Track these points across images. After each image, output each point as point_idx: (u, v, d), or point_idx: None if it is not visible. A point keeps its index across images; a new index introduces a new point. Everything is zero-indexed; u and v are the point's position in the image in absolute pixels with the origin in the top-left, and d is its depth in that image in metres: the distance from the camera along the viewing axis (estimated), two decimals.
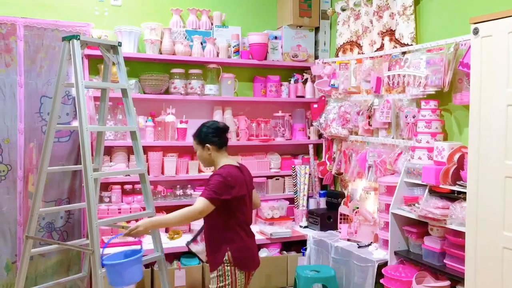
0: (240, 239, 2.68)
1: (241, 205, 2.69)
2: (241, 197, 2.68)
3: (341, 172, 4.03)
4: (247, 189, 2.74)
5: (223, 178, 2.60)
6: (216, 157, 2.75)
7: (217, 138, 2.74)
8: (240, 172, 2.71)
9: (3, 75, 3.57)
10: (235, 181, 2.63)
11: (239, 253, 2.66)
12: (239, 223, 2.68)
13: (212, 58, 4.06)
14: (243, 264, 2.67)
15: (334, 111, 4.03)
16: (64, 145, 3.75)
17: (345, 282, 3.40)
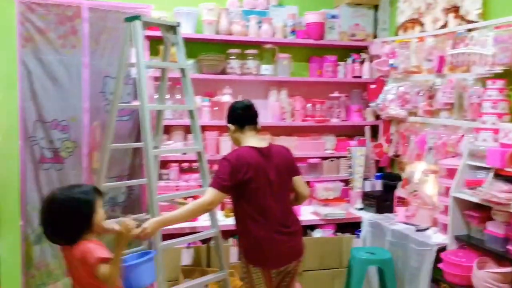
0: (249, 232, 2.47)
1: (252, 192, 2.43)
2: (249, 182, 2.41)
3: (399, 154, 3.94)
4: (265, 173, 2.46)
5: (227, 162, 2.42)
6: (240, 137, 2.59)
7: (236, 117, 2.59)
8: (257, 154, 2.47)
9: (69, 56, 3.72)
10: (242, 164, 2.41)
11: (250, 248, 2.50)
12: (250, 213, 2.45)
13: (268, 38, 4.05)
14: (255, 260, 2.48)
15: (392, 91, 3.93)
16: (125, 124, 3.89)
17: (401, 265, 3.35)
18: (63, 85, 3.71)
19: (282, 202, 2.53)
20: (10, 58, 3.62)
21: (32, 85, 3.66)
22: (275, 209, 2.49)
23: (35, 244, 3.77)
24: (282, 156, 2.57)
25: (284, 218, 2.51)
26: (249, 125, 2.58)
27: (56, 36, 3.68)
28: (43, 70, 3.68)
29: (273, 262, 2.49)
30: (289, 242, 2.50)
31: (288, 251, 2.51)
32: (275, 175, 2.49)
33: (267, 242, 2.45)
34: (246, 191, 2.44)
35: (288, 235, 2.50)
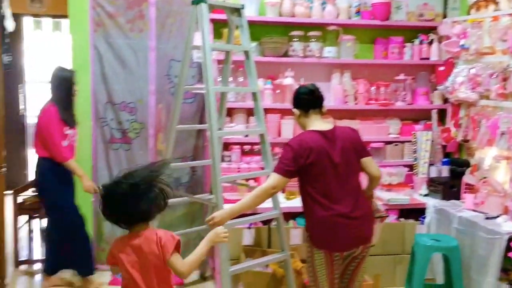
0: (313, 214, 2.47)
1: (316, 175, 2.43)
2: (312, 165, 2.41)
3: (468, 139, 3.78)
4: (328, 156, 2.43)
5: (290, 148, 2.45)
6: (305, 122, 2.58)
7: (301, 102, 2.58)
8: (320, 137, 2.46)
9: (137, 40, 3.85)
10: (304, 149, 2.42)
11: (312, 229, 2.51)
12: (314, 196, 2.45)
13: (332, 19, 3.98)
14: (317, 242, 2.48)
15: (463, 73, 3.76)
16: (189, 106, 3.98)
17: (468, 253, 3.23)
18: (131, 69, 3.86)
19: (349, 185, 2.49)
20: (83, 42, 3.80)
21: (103, 69, 3.83)
22: (340, 192, 2.46)
23: (105, 219, 3.96)
24: (348, 138, 2.53)
25: (350, 201, 2.46)
26: (313, 109, 2.57)
27: (125, 21, 3.82)
28: (113, 54, 3.84)
29: (335, 245, 2.47)
30: (354, 226, 2.46)
31: (352, 235, 2.47)
32: (340, 157, 2.46)
33: (331, 225, 2.44)
34: (309, 175, 2.45)
35: (353, 219, 2.45)
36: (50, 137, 3.34)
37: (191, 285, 3.73)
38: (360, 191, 2.57)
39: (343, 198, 2.46)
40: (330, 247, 2.47)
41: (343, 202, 2.45)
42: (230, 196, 3.66)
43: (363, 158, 2.57)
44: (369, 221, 2.57)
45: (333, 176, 2.45)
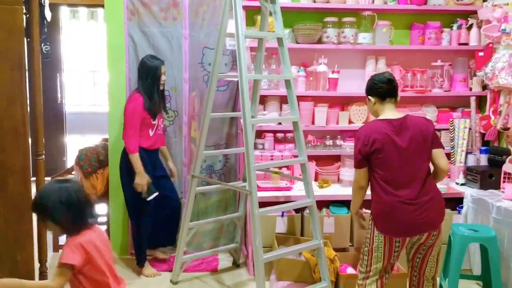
0: (379, 199, 2.57)
1: (381, 161, 2.54)
2: (377, 152, 2.52)
3: (508, 127, 3.66)
4: (394, 144, 2.52)
5: (357, 140, 2.61)
6: (379, 109, 2.67)
7: (377, 91, 2.65)
8: (387, 126, 2.54)
9: (171, 28, 3.88)
10: (368, 137, 2.54)
11: (375, 213, 2.60)
12: (378, 181, 2.56)
13: (367, 5, 3.91)
14: (380, 225, 2.57)
15: (503, 59, 3.63)
16: (222, 94, 3.99)
17: (507, 244, 3.15)
18: (165, 57, 3.88)
19: (417, 172, 2.54)
20: (118, 31, 3.85)
21: (137, 57, 3.87)
22: (406, 178, 2.53)
23: None
24: (419, 128, 2.58)
25: (417, 187, 2.52)
26: (390, 97, 2.65)
27: (158, 9, 3.85)
28: (147, 42, 3.88)
29: (397, 231, 2.54)
30: (419, 212, 2.51)
31: (415, 222, 2.51)
32: (408, 145, 2.53)
33: (393, 211, 2.52)
34: (375, 162, 2.57)
35: (416, 205, 2.51)
36: (125, 127, 3.46)
37: (225, 272, 3.78)
38: (429, 178, 2.60)
39: (409, 184, 2.53)
40: (391, 232, 2.55)
41: (409, 188, 2.52)
42: (263, 184, 3.68)
43: (434, 149, 2.60)
44: (437, 205, 2.58)
45: (399, 163, 2.53)
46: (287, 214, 3.60)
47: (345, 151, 3.90)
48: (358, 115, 4.01)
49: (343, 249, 3.64)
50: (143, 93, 3.48)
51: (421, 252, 2.65)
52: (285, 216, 3.58)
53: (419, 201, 2.52)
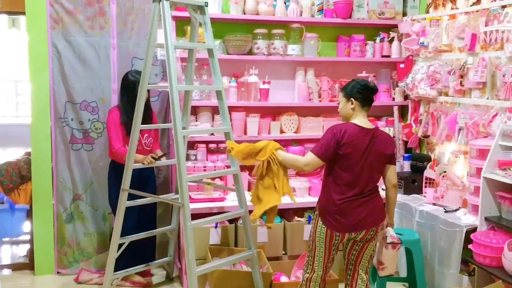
0: (329, 195, 2.70)
1: (346, 164, 2.64)
2: (346, 154, 2.62)
3: (428, 134, 3.89)
4: (362, 151, 2.64)
5: (332, 135, 2.64)
6: (355, 114, 2.72)
7: (363, 96, 2.71)
8: (361, 132, 2.65)
9: (98, 37, 3.77)
10: (342, 137, 2.62)
11: (323, 206, 2.73)
12: (337, 181, 2.68)
13: (295, 17, 4.01)
14: (325, 220, 2.70)
15: (422, 71, 3.85)
16: (153, 104, 3.91)
17: (430, 246, 3.33)
18: (92, 67, 3.77)
19: (370, 182, 2.70)
20: (41, 40, 3.68)
21: (62, 67, 3.73)
22: (361, 184, 2.67)
23: (67, 222, 3.88)
24: (384, 142, 2.72)
25: (365, 193, 2.68)
26: (368, 106, 2.75)
27: (84, 18, 3.73)
28: (73, 52, 3.75)
29: (339, 226, 2.68)
30: (359, 212, 2.67)
31: (356, 219, 2.66)
32: (373, 156, 2.67)
33: (341, 209, 2.66)
34: (340, 162, 2.66)
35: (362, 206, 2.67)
36: (108, 139, 3.49)
37: (158, 286, 3.69)
38: (377, 190, 2.77)
39: (361, 189, 2.68)
40: (336, 227, 2.69)
41: (358, 191, 2.67)
42: (196, 196, 3.64)
43: (389, 164, 2.77)
44: (375, 214, 2.73)
45: (360, 170, 2.65)
46: (221, 225, 3.58)
47: None
48: (289, 125, 4.09)
49: (276, 258, 3.68)
50: (120, 108, 3.46)
51: (356, 249, 2.78)
52: (218, 227, 3.56)
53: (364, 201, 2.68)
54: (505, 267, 2.74)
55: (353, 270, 2.83)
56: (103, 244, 3.93)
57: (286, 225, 3.71)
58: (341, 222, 2.67)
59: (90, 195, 3.90)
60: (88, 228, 3.93)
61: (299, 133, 4.11)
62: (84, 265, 3.91)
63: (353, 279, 2.83)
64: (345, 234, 2.71)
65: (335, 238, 2.71)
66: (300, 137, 4.09)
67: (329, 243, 2.72)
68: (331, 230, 2.69)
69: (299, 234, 3.70)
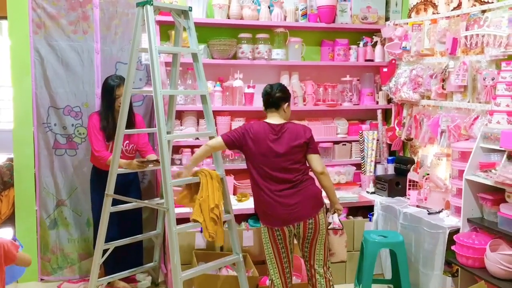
0: (254, 193, 2.94)
1: (252, 158, 2.87)
2: (249, 148, 2.86)
3: (411, 137, 3.93)
4: (268, 144, 2.82)
5: (243, 127, 2.93)
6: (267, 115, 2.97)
7: (263, 99, 2.99)
8: (268, 127, 2.86)
9: (81, 42, 3.75)
10: (248, 132, 2.88)
11: (255, 206, 2.96)
12: (253, 177, 2.89)
13: (279, 22, 4.03)
14: (260, 216, 2.93)
15: (405, 74, 3.90)
16: (137, 109, 3.90)
17: (414, 248, 3.36)
18: (75, 71, 3.75)
19: (288, 173, 2.83)
20: (24, 44, 3.65)
21: (45, 72, 3.70)
22: (277, 177, 2.83)
23: (50, 228, 3.83)
24: (296, 133, 2.87)
25: (285, 186, 2.82)
26: (270, 108, 2.97)
27: (67, 22, 3.71)
28: (56, 57, 3.71)
29: (272, 220, 2.86)
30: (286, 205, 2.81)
31: (285, 212, 2.82)
32: (284, 148, 2.83)
33: (265, 203, 2.86)
34: (247, 156, 2.91)
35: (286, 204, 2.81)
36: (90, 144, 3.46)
37: None
38: (303, 181, 2.87)
39: (278, 183, 2.83)
40: (270, 222, 2.87)
41: (276, 186, 2.83)
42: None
43: (308, 154, 2.91)
44: (307, 204, 2.84)
45: (271, 162, 2.83)
46: None
47: None
48: None
49: (262, 262, 3.67)
50: (100, 113, 3.44)
51: (306, 246, 2.90)
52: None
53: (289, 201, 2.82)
54: (488, 268, 2.79)
55: (310, 267, 2.93)
56: (87, 250, 3.90)
57: None
58: (271, 216, 2.84)
59: (74, 201, 3.86)
60: (72, 234, 3.89)
61: None
62: (68, 272, 3.87)
63: (313, 277, 2.93)
64: (283, 228, 2.84)
65: (276, 233, 2.87)
66: None
67: (273, 238, 2.88)
68: (268, 226, 2.89)
69: None
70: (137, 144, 3.58)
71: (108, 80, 3.45)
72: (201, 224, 2.95)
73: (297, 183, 2.84)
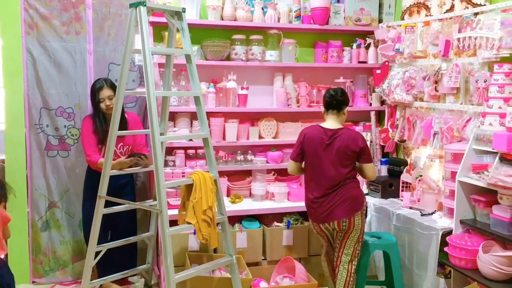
0: (306, 192, 3.17)
1: (307, 160, 3.11)
2: (305, 152, 3.10)
3: (404, 139, 3.94)
4: (320, 149, 3.03)
5: (298, 136, 3.17)
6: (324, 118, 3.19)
7: (324, 101, 3.18)
8: (321, 132, 3.06)
9: (74, 42, 3.73)
10: (303, 137, 3.11)
11: (305, 203, 3.20)
12: (306, 178, 3.17)
13: (273, 23, 4.03)
14: (308, 213, 3.20)
15: (398, 76, 3.92)
16: (131, 110, 3.89)
17: (408, 249, 3.37)
18: (68, 72, 3.73)
19: (332, 177, 3.03)
20: (15, 45, 3.62)
21: (37, 73, 3.68)
22: (321, 178, 3.06)
23: (42, 230, 3.81)
24: (346, 142, 3.02)
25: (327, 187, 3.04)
26: (331, 109, 3.13)
27: (59, 23, 3.69)
28: (48, 57, 3.69)
29: (315, 217, 3.14)
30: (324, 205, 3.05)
31: (322, 212, 3.06)
32: (334, 153, 3.02)
33: (315, 202, 3.09)
34: (305, 159, 3.16)
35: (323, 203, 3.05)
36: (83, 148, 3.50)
37: None
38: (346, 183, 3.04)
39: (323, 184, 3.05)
40: (313, 218, 3.16)
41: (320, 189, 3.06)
42: (175, 202, 3.62)
43: (361, 163, 3.10)
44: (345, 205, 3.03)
45: (318, 165, 3.06)
46: None
47: (256, 166, 3.96)
48: (268, 130, 4.10)
49: (256, 263, 3.68)
50: (92, 116, 3.49)
51: (339, 238, 3.11)
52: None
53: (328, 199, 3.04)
54: (480, 269, 2.80)
55: (337, 258, 3.12)
56: (79, 252, 3.87)
57: (265, 230, 3.72)
58: (313, 214, 3.13)
59: (66, 202, 3.84)
60: (64, 236, 3.87)
61: (278, 138, 4.13)
62: (60, 274, 3.85)
63: (337, 267, 3.13)
64: (319, 225, 3.11)
65: (315, 227, 3.18)
66: (279, 142, 4.10)
67: (319, 235, 3.21)
68: (312, 222, 3.18)
69: (278, 239, 3.71)
70: (133, 146, 3.56)
71: (94, 83, 3.48)
72: (194, 226, 2.94)
73: (342, 185, 3.03)
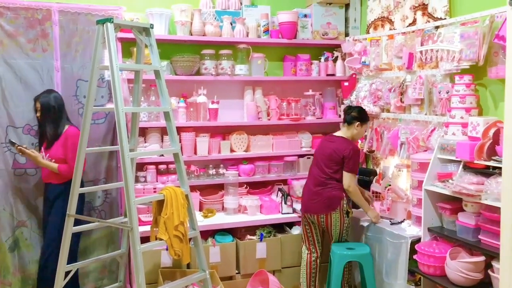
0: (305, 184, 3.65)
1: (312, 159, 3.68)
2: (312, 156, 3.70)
3: (373, 150, 4.02)
4: (319, 154, 3.53)
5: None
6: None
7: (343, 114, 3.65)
8: (324, 141, 3.63)
9: (40, 59, 3.68)
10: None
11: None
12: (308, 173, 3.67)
13: (242, 38, 4.07)
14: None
15: (365, 88, 4.00)
16: (100, 127, 3.86)
17: (378, 258, 3.42)
18: (35, 90, 3.67)
19: (317, 176, 3.49)
20: None
21: (2, 91, 3.62)
22: (312, 174, 3.55)
23: (10, 251, 3.71)
24: (335, 148, 3.45)
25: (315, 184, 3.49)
26: (343, 122, 3.60)
27: (26, 40, 3.64)
28: (14, 75, 3.64)
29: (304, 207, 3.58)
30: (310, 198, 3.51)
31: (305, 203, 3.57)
32: (323, 154, 3.50)
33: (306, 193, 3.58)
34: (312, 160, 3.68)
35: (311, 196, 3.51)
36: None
37: None
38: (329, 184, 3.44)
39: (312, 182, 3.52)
40: (303, 209, 3.59)
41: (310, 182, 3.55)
42: (146, 218, 3.59)
43: (343, 170, 3.44)
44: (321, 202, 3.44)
45: (315, 165, 3.56)
46: None
47: (228, 180, 3.96)
48: (239, 144, 4.12)
49: (230, 277, 3.67)
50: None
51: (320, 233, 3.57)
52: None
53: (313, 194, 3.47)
54: (448, 276, 2.87)
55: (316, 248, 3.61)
56: None
57: (238, 244, 3.72)
58: (302, 201, 3.63)
59: (35, 221, 3.76)
60: (33, 256, 3.78)
61: (249, 151, 4.15)
62: None
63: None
64: (304, 213, 3.55)
65: (301, 216, 3.62)
66: (251, 156, 4.13)
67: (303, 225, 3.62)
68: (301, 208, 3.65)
69: (251, 252, 3.71)
70: (54, 158, 3.51)
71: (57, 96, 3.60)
72: (166, 242, 2.92)
73: (324, 184, 3.43)
